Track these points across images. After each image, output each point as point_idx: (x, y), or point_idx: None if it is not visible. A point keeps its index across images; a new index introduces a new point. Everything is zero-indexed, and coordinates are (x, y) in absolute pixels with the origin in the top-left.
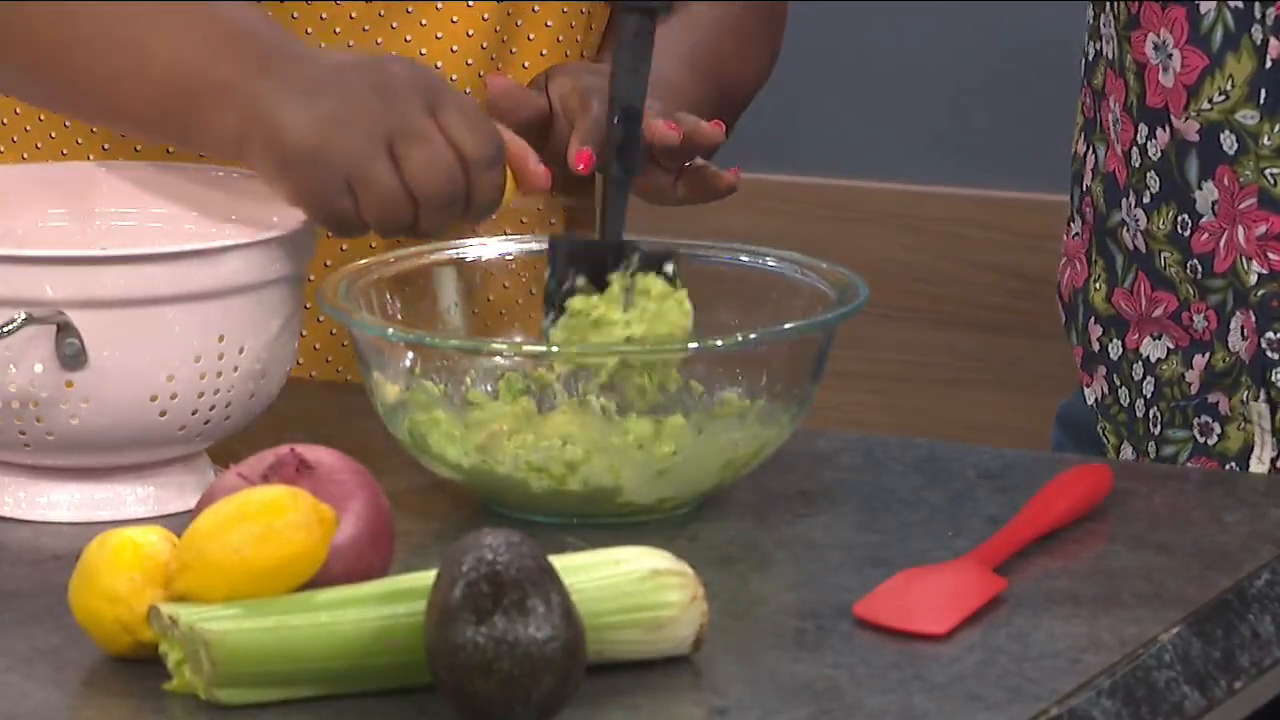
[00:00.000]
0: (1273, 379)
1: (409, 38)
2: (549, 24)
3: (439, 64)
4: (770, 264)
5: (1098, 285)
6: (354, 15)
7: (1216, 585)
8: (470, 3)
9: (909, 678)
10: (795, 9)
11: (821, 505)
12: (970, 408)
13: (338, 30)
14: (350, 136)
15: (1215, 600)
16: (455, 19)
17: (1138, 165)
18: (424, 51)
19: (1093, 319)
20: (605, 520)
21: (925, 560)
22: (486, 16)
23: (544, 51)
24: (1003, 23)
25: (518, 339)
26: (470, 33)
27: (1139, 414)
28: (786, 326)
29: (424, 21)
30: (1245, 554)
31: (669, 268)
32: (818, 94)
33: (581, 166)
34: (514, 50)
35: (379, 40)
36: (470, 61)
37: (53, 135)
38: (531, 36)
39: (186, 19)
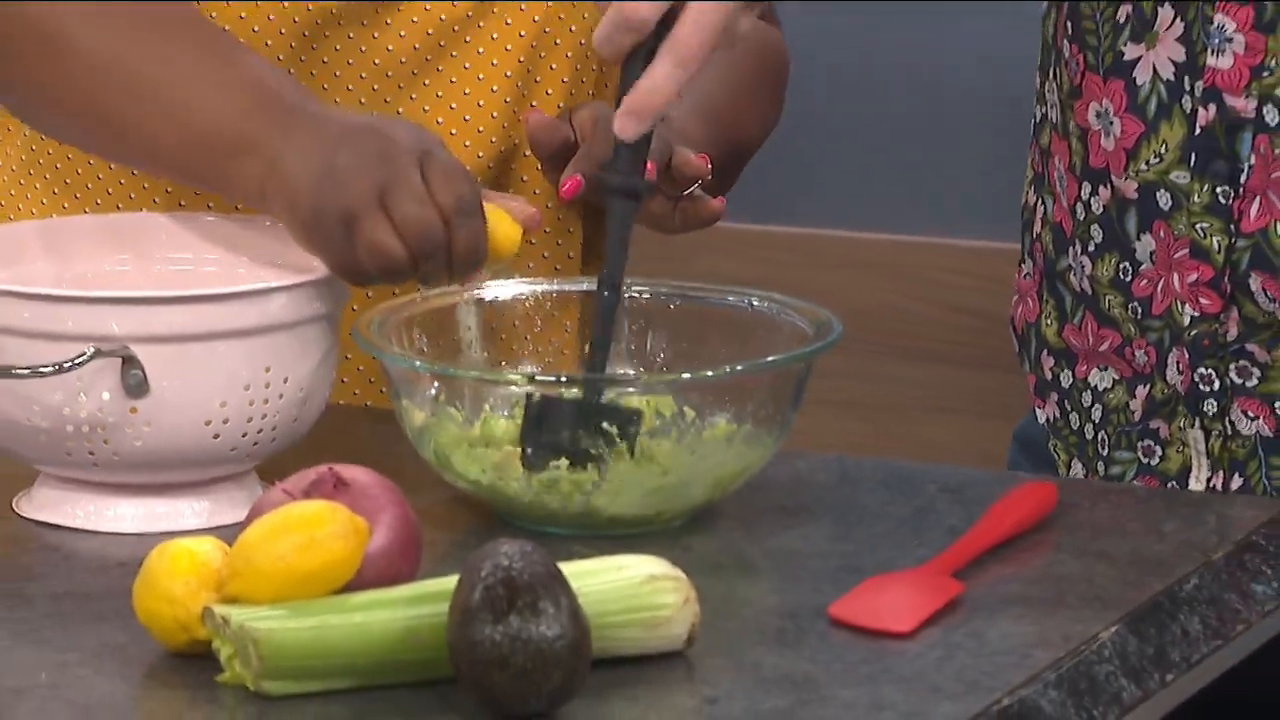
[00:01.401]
0: (1205, 409)
1: (440, 93)
2: (565, 79)
3: (467, 116)
4: (755, 304)
5: (1049, 321)
6: (405, 59)
7: (1151, 589)
8: (494, 62)
9: (877, 671)
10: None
11: (800, 519)
12: (935, 431)
13: (389, 74)
14: (347, 192)
15: (1150, 602)
16: (481, 76)
17: (1082, 218)
18: (454, 106)
19: (1045, 351)
20: (608, 532)
21: (892, 567)
22: (509, 74)
23: (560, 104)
24: (971, 90)
25: (530, 370)
26: (495, 88)
27: (1088, 436)
28: (769, 359)
29: (453, 79)
30: (1177, 561)
31: (631, 429)
32: (805, 151)
33: (565, 190)
34: (534, 102)
35: (413, 96)
36: (495, 114)
37: (121, 182)
38: (549, 92)
39: (220, 79)
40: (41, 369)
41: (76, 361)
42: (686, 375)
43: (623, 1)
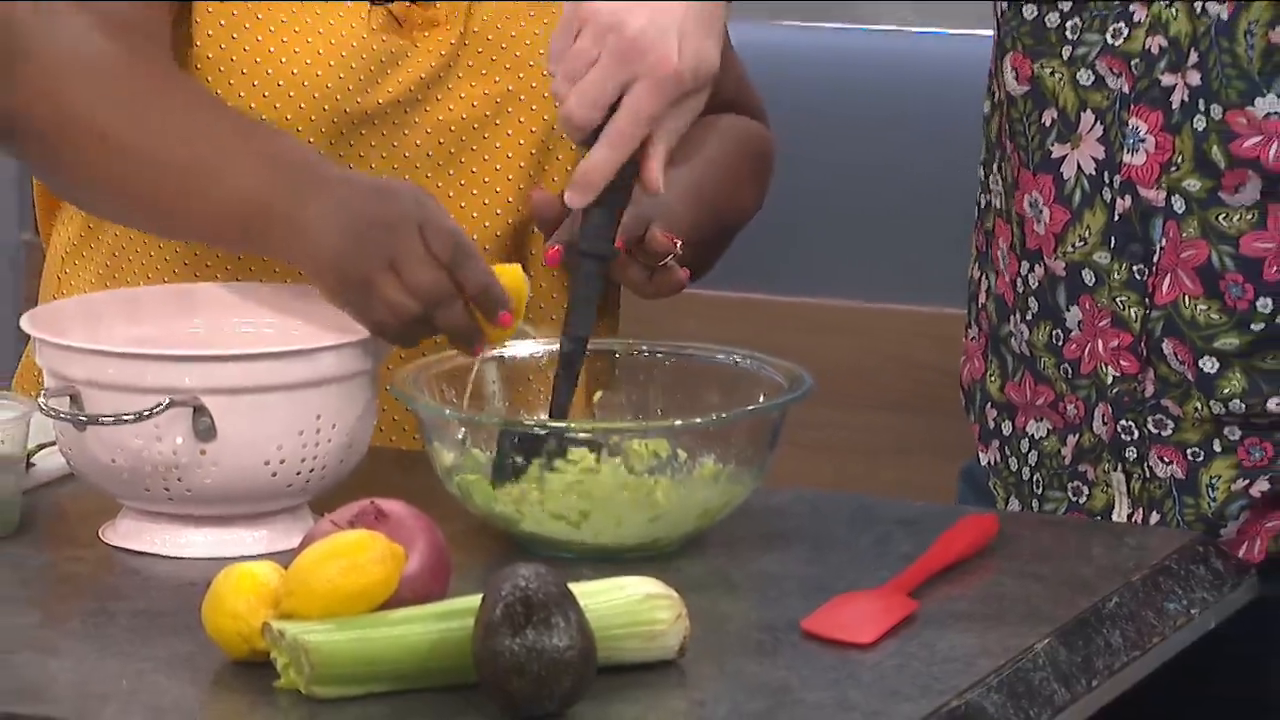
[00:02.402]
0: (1126, 455)
1: (462, 182)
2: (569, 168)
3: (485, 200)
4: (738, 361)
5: (993, 378)
6: (430, 153)
7: (1079, 606)
8: (509, 155)
9: (843, 677)
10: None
11: (777, 545)
12: (891, 471)
13: (417, 166)
14: (361, 262)
15: (1078, 618)
16: (498, 166)
17: (1021, 291)
18: (475, 192)
19: (989, 404)
20: (611, 557)
21: (856, 586)
22: (534, 151)
23: (571, 169)
24: (924, 181)
25: (543, 418)
26: (509, 177)
27: (1025, 478)
28: (749, 409)
29: (473, 169)
30: (1101, 582)
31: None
32: (784, 230)
33: (548, 256)
34: (555, 178)
35: (438, 184)
36: (510, 199)
37: (165, 259)
38: (556, 179)
39: (243, 156)
40: (124, 417)
41: (154, 411)
42: (679, 422)
43: (566, 109)
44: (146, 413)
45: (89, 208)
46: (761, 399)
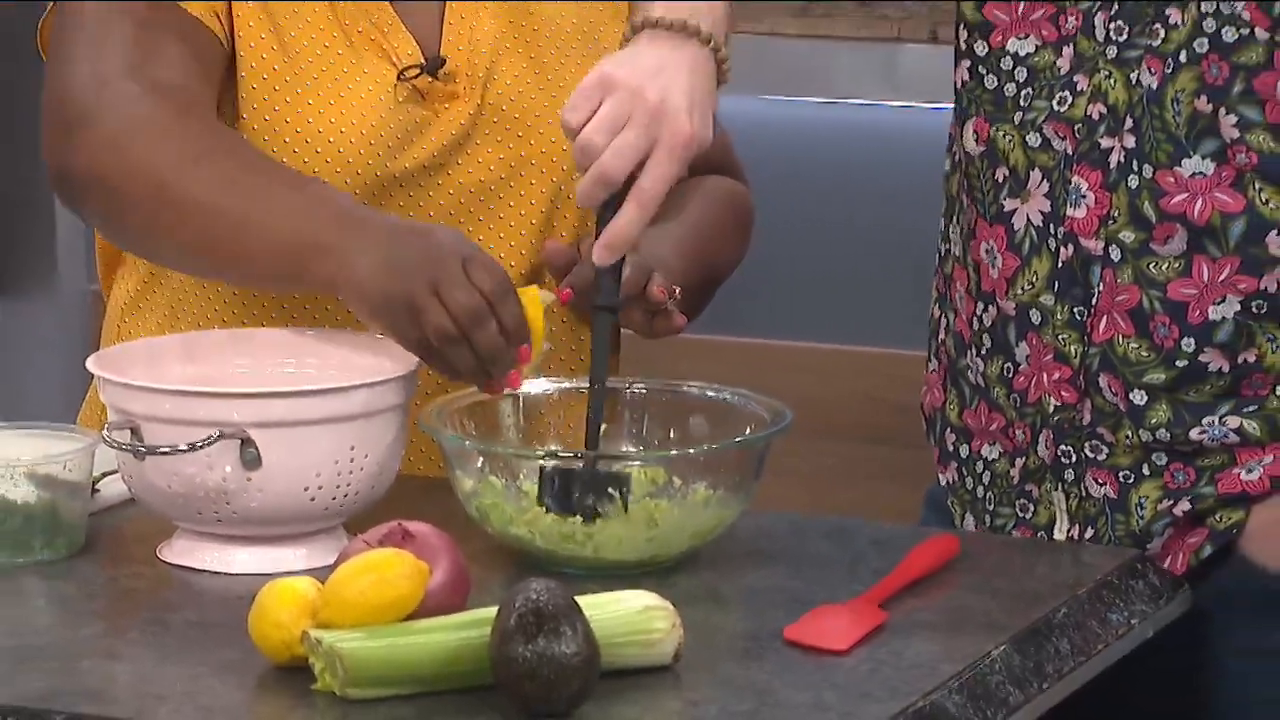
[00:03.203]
0: (1066, 477)
1: (481, 236)
2: (574, 225)
3: (501, 254)
4: (726, 397)
5: (952, 406)
6: (452, 212)
7: (1031, 617)
8: (522, 212)
9: (821, 681)
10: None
11: (762, 562)
12: (860, 495)
13: (442, 222)
14: (407, 285)
15: (1030, 627)
16: (512, 223)
17: (977, 329)
18: (492, 246)
19: (948, 429)
20: (613, 573)
21: (833, 599)
22: (543, 210)
23: (577, 225)
24: (886, 233)
25: (553, 448)
26: (523, 232)
27: (979, 496)
28: (737, 440)
29: (491, 225)
30: (1050, 596)
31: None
32: (765, 280)
33: (561, 297)
34: (562, 233)
35: (470, 228)
36: (523, 252)
37: (216, 309)
38: (564, 235)
39: (296, 202)
40: (179, 448)
41: (206, 442)
42: (674, 452)
43: (601, 163)
44: (199, 444)
45: (151, 256)
46: (748, 432)
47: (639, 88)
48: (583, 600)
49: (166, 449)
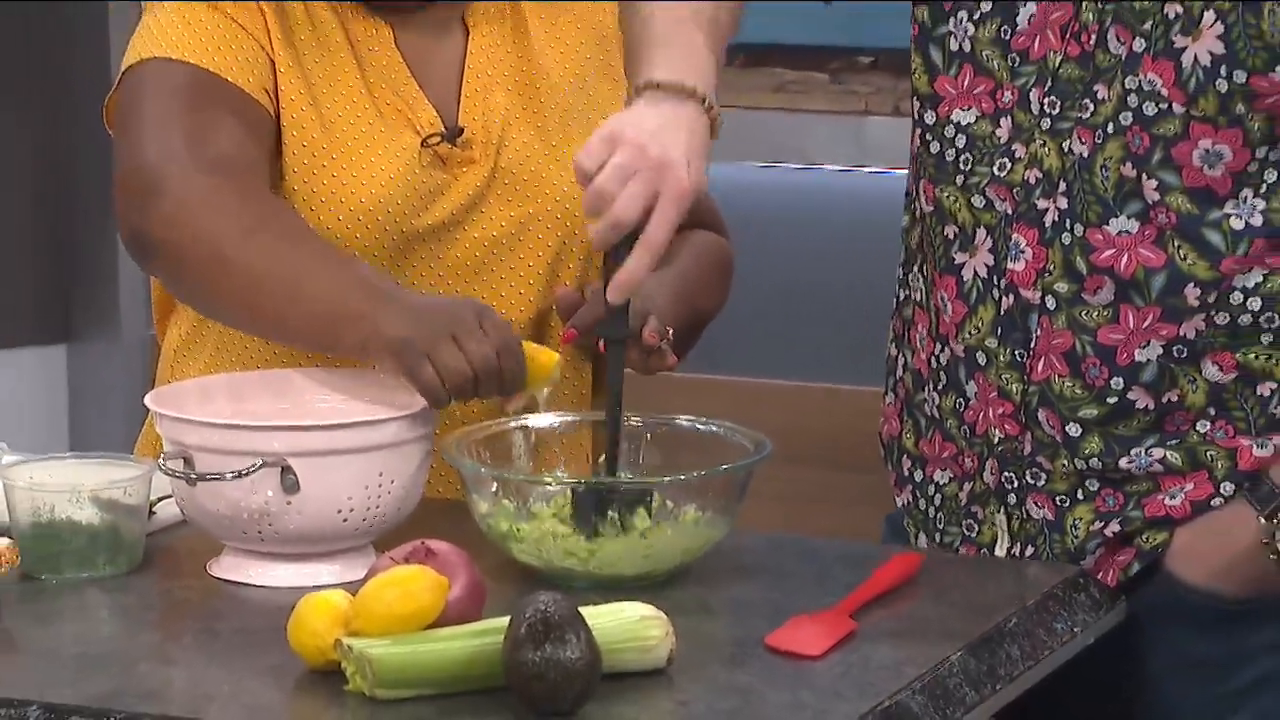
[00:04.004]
0: (1008, 500)
1: (493, 286)
2: (577, 275)
3: (512, 300)
4: (713, 429)
5: (908, 435)
6: (469, 263)
7: (984, 626)
8: (540, 253)
9: (798, 682)
10: None
11: (744, 577)
12: (827, 517)
13: (458, 273)
14: (429, 331)
15: (984, 635)
16: (521, 273)
17: (933, 367)
18: (503, 294)
19: (904, 456)
20: (612, 586)
21: (808, 610)
22: (549, 261)
23: (580, 274)
24: (846, 284)
25: (560, 475)
26: (530, 281)
27: (931, 516)
28: (723, 468)
29: (502, 275)
30: (1002, 607)
31: (649, 501)
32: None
33: (565, 337)
34: (566, 281)
35: (474, 288)
36: (531, 299)
37: (277, 351)
38: (567, 283)
39: (337, 277)
40: (226, 475)
41: (250, 470)
42: (666, 478)
43: (614, 211)
44: (244, 471)
45: (205, 311)
46: (732, 460)
47: (644, 144)
48: (586, 610)
49: (215, 476)
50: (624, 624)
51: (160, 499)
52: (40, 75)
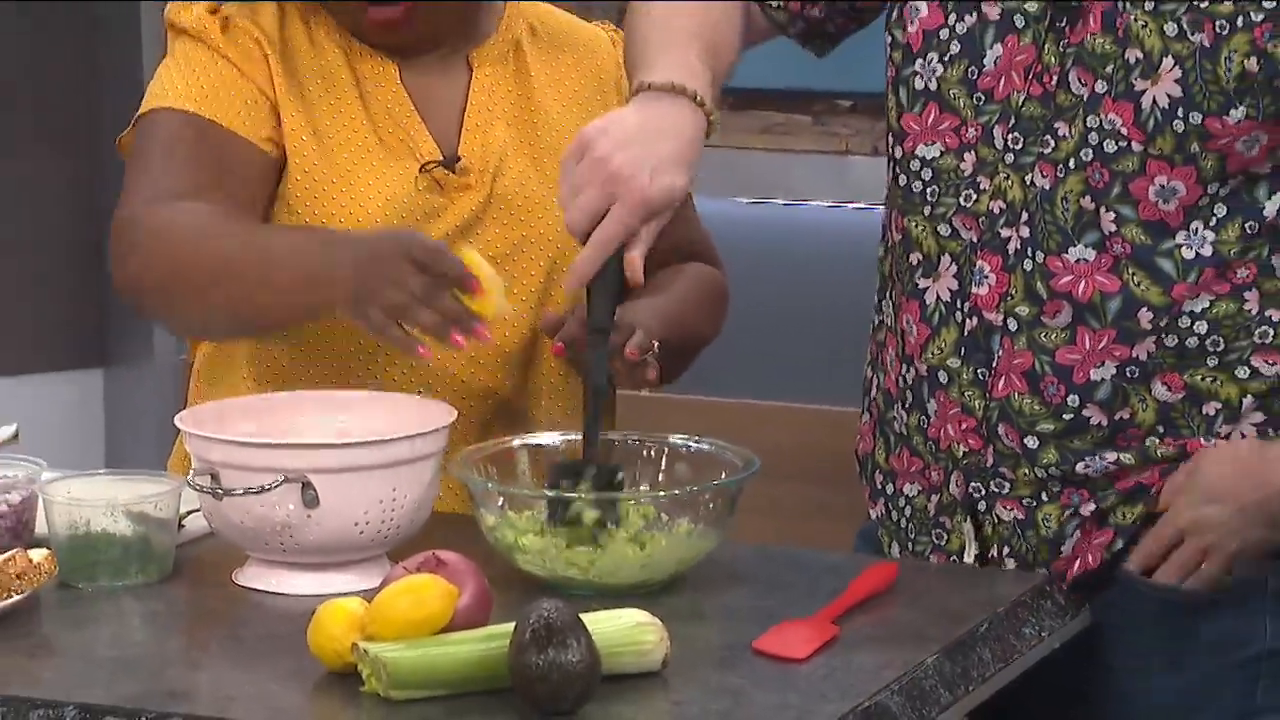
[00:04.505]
0: (976, 509)
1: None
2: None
3: (514, 308)
4: (704, 447)
5: (880, 452)
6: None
7: (958, 631)
8: (532, 273)
9: (784, 684)
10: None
11: (734, 585)
12: (819, 528)
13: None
14: (369, 280)
15: (957, 639)
16: (524, 282)
17: (902, 387)
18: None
19: (876, 471)
20: (611, 594)
21: (793, 616)
22: (541, 280)
23: (570, 295)
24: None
25: (561, 488)
26: (532, 290)
27: (902, 526)
28: (715, 483)
29: (505, 284)
30: (974, 613)
31: (618, 476)
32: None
33: (554, 350)
34: (557, 300)
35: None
36: (524, 315)
37: (276, 372)
38: (559, 301)
39: (306, 244)
40: (251, 490)
41: (272, 485)
42: (662, 493)
43: (567, 218)
44: (267, 487)
45: (206, 334)
46: (723, 476)
47: (606, 155)
48: (586, 617)
49: (240, 491)
50: (622, 629)
51: (189, 512)
52: (75, 109)
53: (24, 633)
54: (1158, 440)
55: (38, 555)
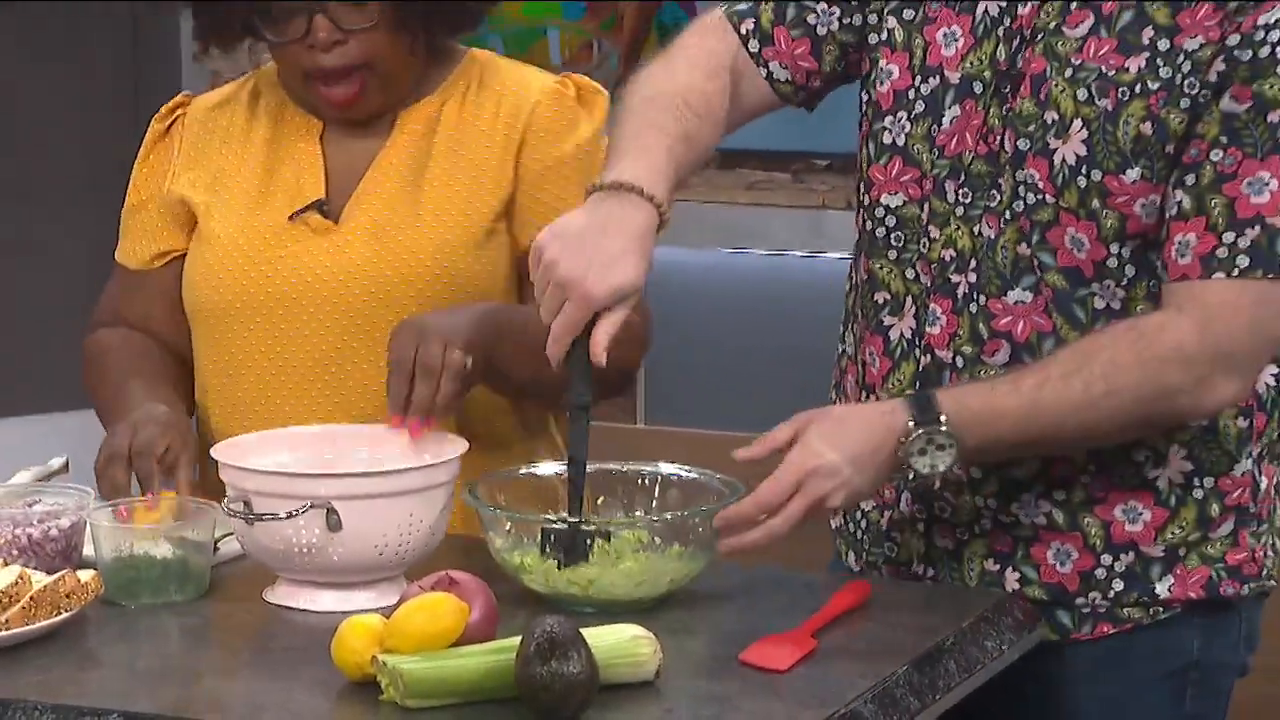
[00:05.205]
0: (919, 529)
1: (371, 343)
2: None
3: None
4: (694, 475)
5: None
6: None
7: (927, 643)
8: (413, 310)
9: (767, 692)
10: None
11: (722, 602)
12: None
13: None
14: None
15: (925, 651)
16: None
17: None
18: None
19: None
20: (609, 610)
21: (776, 630)
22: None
23: None
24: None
25: (563, 515)
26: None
27: (858, 539)
28: (703, 509)
29: (378, 335)
30: (941, 627)
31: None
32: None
33: (410, 430)
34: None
35: (355, 342)
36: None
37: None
38: None
39: (114, 407)
40: (280, 516)
41: (299, 511)
42: (655, 518)
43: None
44: (295, 512)
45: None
46: (711, 502)
47: (554, 261)
48: (586, 631)
49: (270, 516)
50: (619, 643)
51: (224, 536)
52: (101, 174)
53: (73, 646)
54: (1090, 478)
55: (85, 576)
